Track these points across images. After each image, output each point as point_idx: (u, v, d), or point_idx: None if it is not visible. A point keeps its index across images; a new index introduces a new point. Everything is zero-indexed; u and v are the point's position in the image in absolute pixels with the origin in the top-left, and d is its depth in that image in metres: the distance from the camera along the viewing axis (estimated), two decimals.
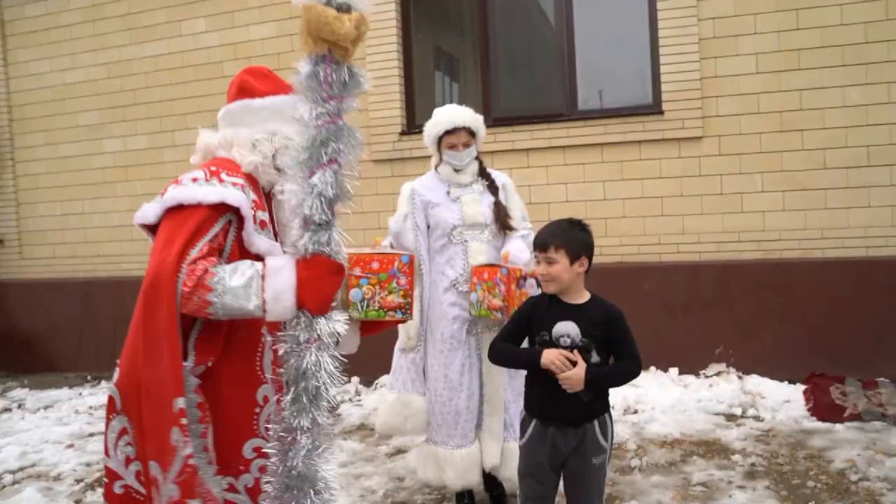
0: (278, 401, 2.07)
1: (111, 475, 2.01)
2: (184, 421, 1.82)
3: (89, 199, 7.63)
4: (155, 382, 1.84)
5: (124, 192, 7.43)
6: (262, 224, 2.06)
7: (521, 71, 6.72)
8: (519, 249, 3.57)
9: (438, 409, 3.64)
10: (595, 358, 2.65)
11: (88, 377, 7.26)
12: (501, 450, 3.63)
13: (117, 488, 2.00)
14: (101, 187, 7.57)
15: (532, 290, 3.30)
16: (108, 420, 1.99)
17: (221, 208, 1.95)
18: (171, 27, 7.19)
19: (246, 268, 1.85)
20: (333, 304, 1.87)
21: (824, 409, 4.91)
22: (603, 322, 2.66)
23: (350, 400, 5.92)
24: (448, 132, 3.67)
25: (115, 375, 1.99)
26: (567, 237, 2.66)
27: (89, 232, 7.62)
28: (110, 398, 1.99)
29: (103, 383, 6.87)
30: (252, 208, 2.01)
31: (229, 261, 1.95)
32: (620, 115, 5.91)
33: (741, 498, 3.77)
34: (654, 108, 5.83)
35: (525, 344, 2.82)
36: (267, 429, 1.98)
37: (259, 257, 1.96)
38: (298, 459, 1.76)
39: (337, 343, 1.87)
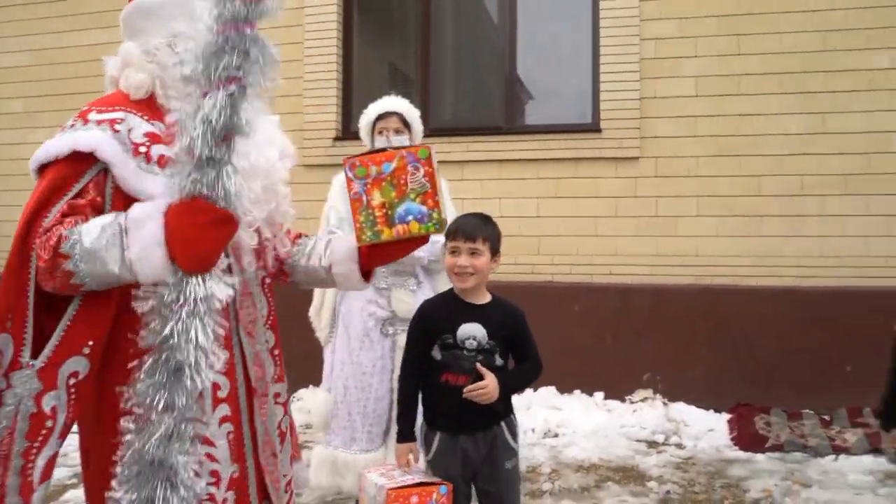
0: None
1: None
2: None
3: (10, 192, 7.27)
4: None
5: None
6: (163, 161, 1.57)
7: (461, 82, 6.60)
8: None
9: (344, 411, 3.43)
10: (499, 361, 2.51)
11: None
12: None
13: None
14: (24, 179, 7.18)
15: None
16: None
17: (85, 158, 1.55)
18: (112, 16, 6.92)
19: (107, 223, 1.46)
20: (221, 264, 1.50)
21: (747, 438, 4.78)
22: (509, 323, 2.54)
23: None
24: (380, 117, 3.57)
25: None
26: (490, 231, 2.54)
27: (4, 225, 7.25)
28: None
29: None
30: (145, 143, 1.59)
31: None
32: (558, 131, 5.80)
33: None
34: (592, 126, 5.73)
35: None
36: None
37: None
38: (152, 443, 1.41)
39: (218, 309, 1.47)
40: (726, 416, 5.10)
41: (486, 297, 2.59)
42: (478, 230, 2.50)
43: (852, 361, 5.12)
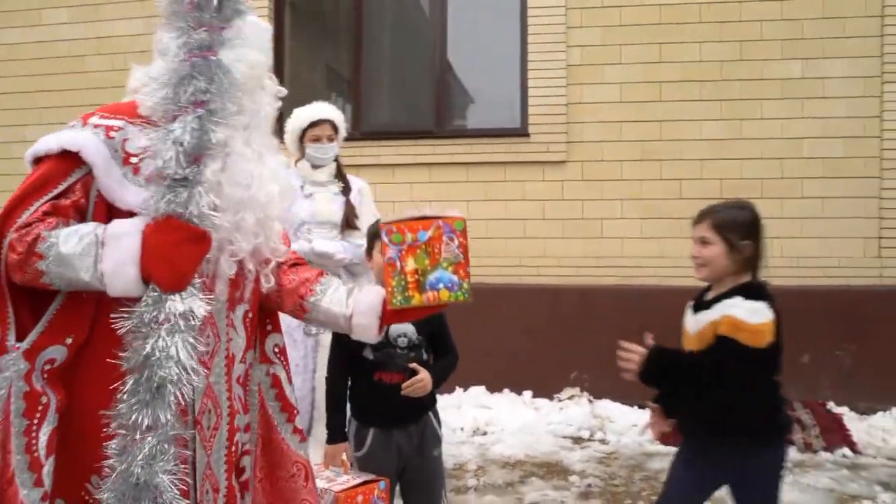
0: None
1: None
2: None
3: None
4: None
5: None
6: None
7: (393, 86, 6.66)
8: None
9: None
10: (425, 356, 2.64)
11: None
12: None
13: None
14: None
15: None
16: None
17: (73, 158, 1.58)
18: (30, 15, 6.78)
19: (86, 232, 1.51)
20: (196, 281, 1.53)
21: (669, 433, 4.92)
22: (432, 320, 2.61)
23: None
24: (313, 124, 3.65)
25: None
26: None
27: None
28: None
29: None
30: (138, 154, 1.58)
31: (94, 220, 1.59)
32: (487, 135, 5.91)
33: None
34: (520, 131, 5.85)
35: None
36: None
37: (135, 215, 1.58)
38: (137, 464, 1.45)
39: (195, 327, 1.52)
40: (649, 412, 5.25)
41: None
42: None
43: None
